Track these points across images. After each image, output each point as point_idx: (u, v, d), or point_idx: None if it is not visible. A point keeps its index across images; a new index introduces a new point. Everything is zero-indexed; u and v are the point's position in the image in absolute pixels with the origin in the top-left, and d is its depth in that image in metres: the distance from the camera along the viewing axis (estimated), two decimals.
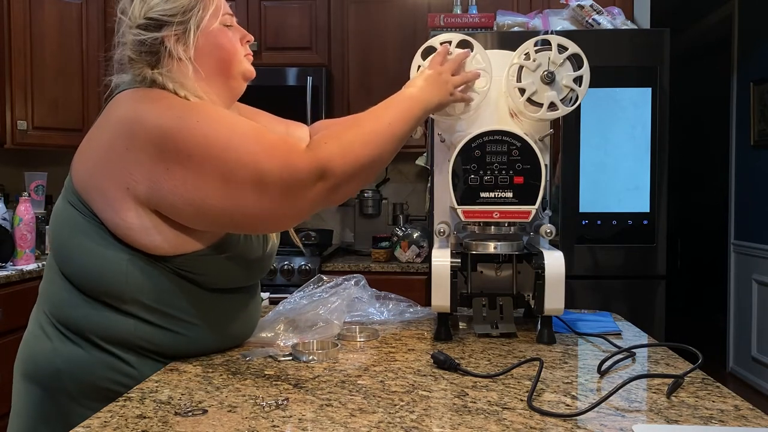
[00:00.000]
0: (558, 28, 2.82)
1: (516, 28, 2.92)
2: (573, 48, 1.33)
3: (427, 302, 1.46)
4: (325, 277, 1.52)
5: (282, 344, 1.28)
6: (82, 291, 1.12)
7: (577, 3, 2.83)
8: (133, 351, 1.13)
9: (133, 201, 1.08)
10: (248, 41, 1.25)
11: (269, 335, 1.32)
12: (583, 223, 2.75)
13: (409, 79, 1.38)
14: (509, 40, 2.74)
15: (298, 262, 3.05)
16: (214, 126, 1.07)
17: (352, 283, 1.50)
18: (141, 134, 1.06)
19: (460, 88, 1.34)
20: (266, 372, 1.12)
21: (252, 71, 1.25)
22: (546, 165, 1.33)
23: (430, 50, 1.38)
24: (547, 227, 1.34)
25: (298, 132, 1.42)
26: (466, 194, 1.32)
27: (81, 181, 1.12)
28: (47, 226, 3.16)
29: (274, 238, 1.31)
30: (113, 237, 1.10)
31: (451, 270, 1.33)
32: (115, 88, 1.19)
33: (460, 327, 1.47)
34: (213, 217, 1.09)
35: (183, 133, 1.06)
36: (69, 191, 1.14)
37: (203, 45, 1.17)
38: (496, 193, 1.31)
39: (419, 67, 1.39)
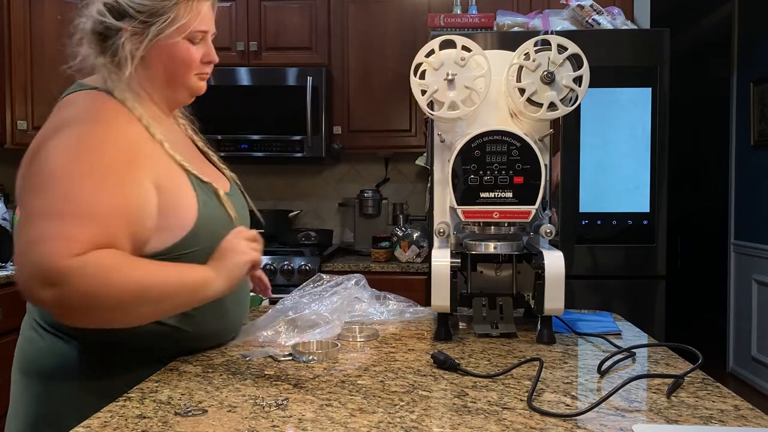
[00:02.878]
0: (558, 28, 2.82)
1: (516, 29, 2.92)
2: (573, 48, 1.33)
3: (427, 302, 1.46)
4: (325, 276, 1.52)
5: (283, 344, 1.28)
6: None
7: (577, 3, 2.82)
8: (127, 349, 1.14)
9: None
10: (209, 62, 1.22)
11: (269, 334, 1.32)
12: (583, 223, 2.75)
13: (408, 79, 1.37)
14: (509, 40, 2.74)
15: (298, 262, 3.05)
16: (78, 168, 1.04)
17: (353, 282, 1.50)
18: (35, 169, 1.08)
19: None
20: (266, 372, 1.12)
21: (201, 89, 1.24)
22: (546, 165, 1.33)
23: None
24: (547, 227, 1.34)
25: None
26: (466, 194, 1.32)
27: None
28: None
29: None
30: None
31: (451, 270, 1.33)
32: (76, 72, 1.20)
33: (460, 327, 1.47)
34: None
35: (48, 154, 1.05)
36: None
37: (157, 53, 1.17)
38: (496, 193, 1.31)
39: (419, 66, 1.38)
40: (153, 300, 1.05)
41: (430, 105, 1.39)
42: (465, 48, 1.36)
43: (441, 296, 1.33)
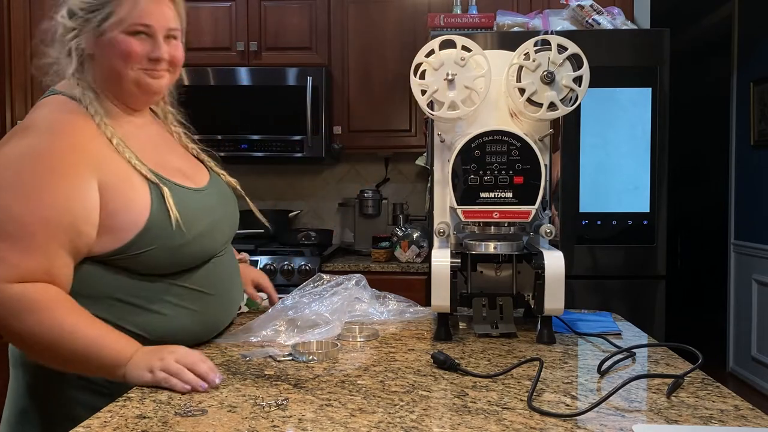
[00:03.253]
0: (558, 28, 2.82)
1: (516, 29, 2.92)
2: (573, 48, 1.33)
3: (427, 302, 1.46)
4: (325, 276, 1.52)
5: (283, 343, 1.28)
6: None
7: (577, 3, 2.82)
8: None
9: None
10: (156, 58, 1.20)
11: (270, 333, 1.32)
12: (583, 223, 2.75)
13: (408, 79, 1.37)
14: (509, 40, 2.74)
15: (298, 262, 3.05)
16: (10, 184, 1.07)
17: (353, 282, 1.50)
18: None
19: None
20: (266, 372, 1.12)
21: (149, 86, 1.22)
22: (546, 165, 1.33)
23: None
24: (547, 227, 1.34)
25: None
26: (466, 194, 1.32)
27: None
28: None
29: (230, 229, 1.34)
30: None
31: (451, 270, 1.33)
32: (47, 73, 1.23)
33: (460, 327, 1.47)
34: None
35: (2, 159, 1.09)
36: None
37: (101, 48, 1.19)
38: (496, 193, 1.31)
39: (419, 66, 1.38)
40: (61, 354, 1.06)
41: (430, 105, 1.39)
42: (465, 48, 1.36)
43: (441, 296, 1.33)
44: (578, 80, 1.33)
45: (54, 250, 1.07)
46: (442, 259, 1.34)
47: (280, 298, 1.49)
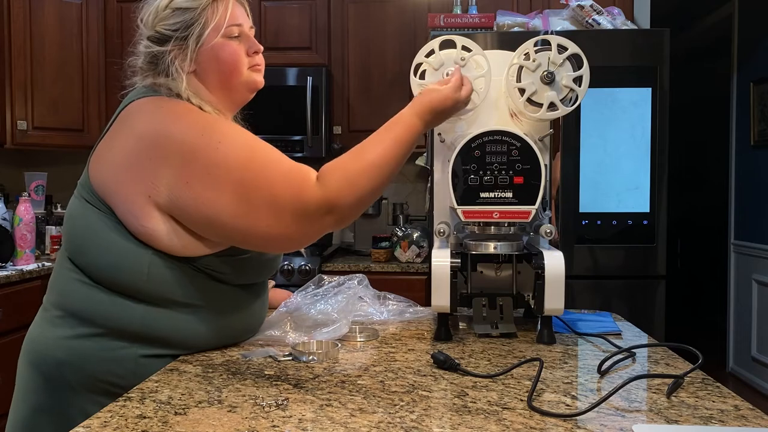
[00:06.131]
0: (558, 28, 2.82)
1: (516, 29, 2.92)
2: (573, 48, 1.33)
3: (427, 302, 1.46)
4: (325, 277, 1.52)
5: (288, 343, 1.28)
6: (96, 282, 1.15)
7: (577, 3, 2.83)
8: (137, 343, 1.15)
9: (154, 208, 1.12)
10: (255, 51, 1.25)
11: (277, 334, 1.32)
12: (583, 223, 2.75)
13: (408, 79, 1.38)
14: (509, 41, 2.74)
15: (298, 262, 3.05)
16: (235, 147, 1.12)
17: (356, 282, 1.50)
18: (166, 147, 1.11)
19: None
20: (266, 372, 1.12)
21: (258, 82, 1.27)
22: (546, 165, 1.33)
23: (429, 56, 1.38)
24: (547, 227, 1.34)
25: None
26: (466, 194, 1.32)
27: (102, 185, 1.16)
28: (47, 226, 3.16)
29: None
30: (134, 236, 1.14)
31: (451, 270, 1.33)
32: (127, 92, 1.24)
33: (460, 327, 1.47)
34: (225, 232, 1.13)
35: (205, 151, 1.11)
36: (86, 191, 1.18)
37: (205, 60, 1.21)
38: (496, 193, 1.31)
39: (419, 66, 1.38)
40: (392, 163, 1.16)
41: None
42: (465, 48, 1.36)
43: (441, 296, 1.33)
44: (578, 80, 1.33)
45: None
46: (442, 259, 1.34)
47: None
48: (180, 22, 1.18)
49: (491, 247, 1.36)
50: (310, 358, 1.18)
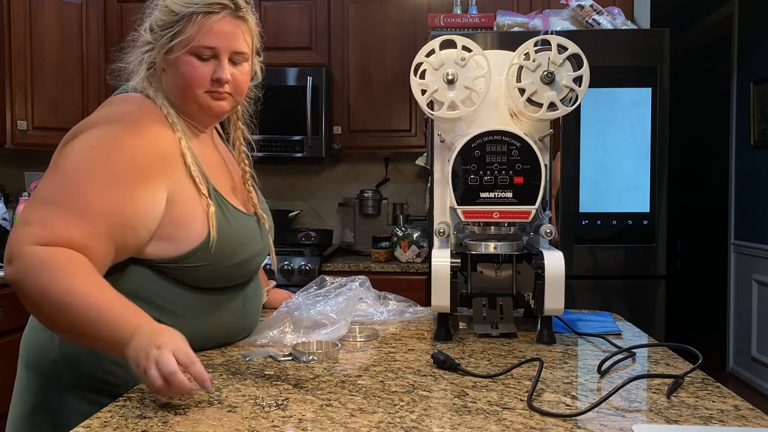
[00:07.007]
0: (558, 28, 2.82)
1: (516, 29, 2.92)
2: (573, 48, 1.33)
3: (427, 302, 1.46)
4: (328, 278, 1.52)
5: (287, 344, 1.28)
6: None
7: (577, 3, 2.83)
8: None
9: None
10: (217, 79, 1.19)
11: (276, 335, 1.32)
12: (583, 223, 2.75)
13: (409, 79, 1.38)
14: (509, 40, 2.74)
15: (298, 262, 3.05)
16: (84, 156, 1.11)
17: (357, 283, 1.50)
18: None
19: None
20: (266, 372, 1.12)
21: (213, 108, 1.22)
22: (546, 165, 1.33)
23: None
24: (547, 227, 1.34)
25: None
26: (466, 194, 1.32)
27: None
28: None
29: (269, 242, 1.38)
30: None
31: (451, 270, 1.33)
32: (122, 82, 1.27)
33: (460, 327, 1.47)
34: None
35: (72, 146, 1.14)
36: None
37: (169, 66, 1.22)
38: (496, 193, 1.31)
39: (419, 66, 1.38)
40: (71, 317, 0.99)
41: (430, 105, 1.39)
42: (465, 48, 1.36)
43: (441, 296, 1.33)
44: (578, 80, 1.33)
45: (101, 234, 1.06)
46: (442, 259, 1.34)
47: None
48: (165, 21, 1.20)
49: (491, 247, 1.36)
50: (310, 358, 1.18)
